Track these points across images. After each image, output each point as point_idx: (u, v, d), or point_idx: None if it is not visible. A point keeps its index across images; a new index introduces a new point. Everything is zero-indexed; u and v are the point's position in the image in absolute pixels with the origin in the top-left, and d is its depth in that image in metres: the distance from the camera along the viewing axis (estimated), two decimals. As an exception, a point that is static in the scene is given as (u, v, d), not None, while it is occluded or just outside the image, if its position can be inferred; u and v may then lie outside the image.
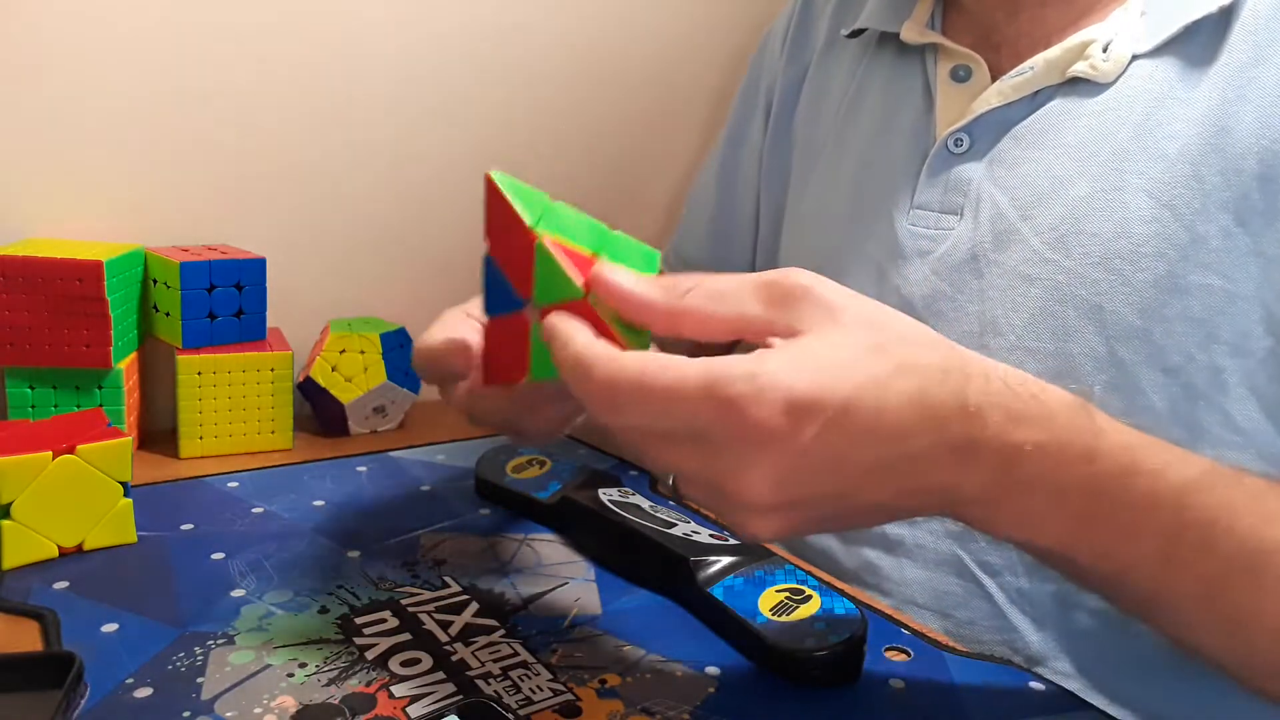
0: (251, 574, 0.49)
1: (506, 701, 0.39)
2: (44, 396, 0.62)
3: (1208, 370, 0.49)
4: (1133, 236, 0.49)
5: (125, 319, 0.65)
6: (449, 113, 0.81)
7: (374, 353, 0.71)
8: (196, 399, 0.65)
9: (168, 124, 0.70)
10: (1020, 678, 0.44)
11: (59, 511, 0.49)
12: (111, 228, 0.69)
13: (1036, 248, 0.52)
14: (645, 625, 0.46)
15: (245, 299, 0.68)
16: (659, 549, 0.48)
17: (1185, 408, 0.49)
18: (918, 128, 0.59)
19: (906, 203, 0.58)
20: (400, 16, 0.77)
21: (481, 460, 0.62)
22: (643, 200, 0.94)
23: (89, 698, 0.38)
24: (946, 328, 0.55)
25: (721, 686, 0.41)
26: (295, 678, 0.40)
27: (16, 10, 0.64)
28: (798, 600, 0.44)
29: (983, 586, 0.54)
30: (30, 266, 0.59)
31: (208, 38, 0.70)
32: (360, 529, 0.55)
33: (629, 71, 0.89)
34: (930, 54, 0.60)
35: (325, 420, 0.72)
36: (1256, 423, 0.49)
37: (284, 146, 0.75)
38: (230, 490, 0.60)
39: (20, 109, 0.66)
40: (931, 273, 0.56)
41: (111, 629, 0.43)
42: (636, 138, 0.92)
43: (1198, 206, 0.48)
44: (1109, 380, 0.50)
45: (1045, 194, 0.52)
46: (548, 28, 0.84)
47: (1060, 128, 0.53)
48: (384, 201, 0.80)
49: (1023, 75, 0.54)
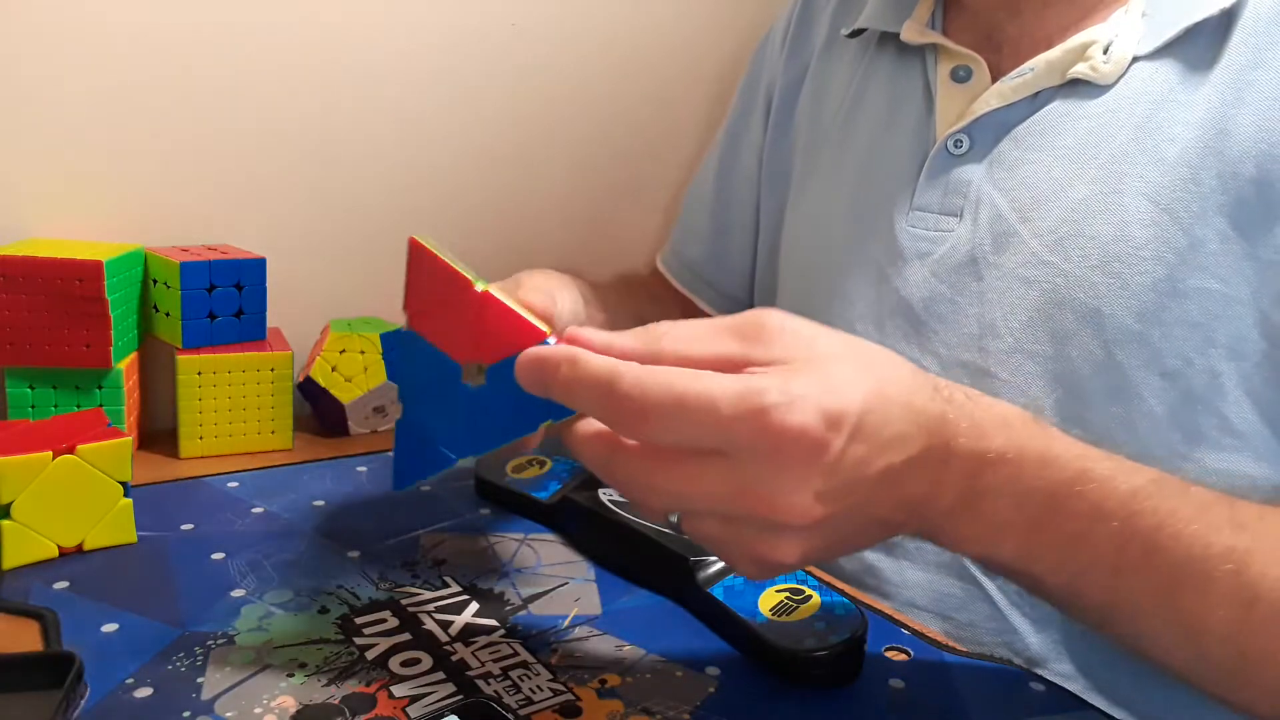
0: (251, 574, 0.49)
1: (506, 701, 0.39)
2: (44, 396, 0.62)
3: (1205, 374, 0.48)
4: (1131, 240, 0.49)
5: (125, 319, 0.65)
6: (449, 113, 0.81)
7: (374, 353, 0.71)
8: (196, 399, 0.65)
9: (168, 124, 0.70)
10: (1020, 678, 0.44)
11: (59, 511, 0.49)
12: (111, 228, 0.69)
13: (1035, 250, 0.52)
14: (645, 625, 0.46)
15: (245, 299, 0.68)
16: (659, 549, 0.48)
17: (1183, 411, 0.49)
18: (918, 128, 0.59)
19: (906, 204, 0.58)
20: (401, 17, 0.77)
21: (481, 460, 0.62)
22: (642, 199, 0.94)
23: (89, 698, 0.38)
24: (946, 330, 0.55)
25: (721, 686, 0.41)
26: (295, 678, 0.40)
27: (17, 11, 0.64)
28: (798, 600, 0.44)
29: (983, 589, 0.54)
30: (30, 266, 0.59)
31: (208, 38, 0.70)
32: (360, 529, 0.55)
33: (629, 71, 0.89)
34: (930, 54, 0.60)
35: (325, 420, 0.72)
36: (1253, 426, 0.49)
37: (284, 146, 0.75)
38: (230, 490, 0.60)
39: (20, 109, 0.66)
40: (931, 274, 0.56)
41: (111, 629, 0.43)
42: (636, 136, 0.92)
43: (1196, 210, 0.48)
44: (1107, 383, 0.50)
45: (1044, 196, 0.52)
46: (549, 28, 0.84)
47: (1060, 130, 0.53)
48: (384, 201, 0.80)
49: (1023, 77, 0.54)
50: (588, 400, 0.34)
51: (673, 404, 0.32)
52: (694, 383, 0.32)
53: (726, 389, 0.32)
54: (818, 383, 0.33)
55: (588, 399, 0.34)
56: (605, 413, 0.34)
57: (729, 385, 0.32)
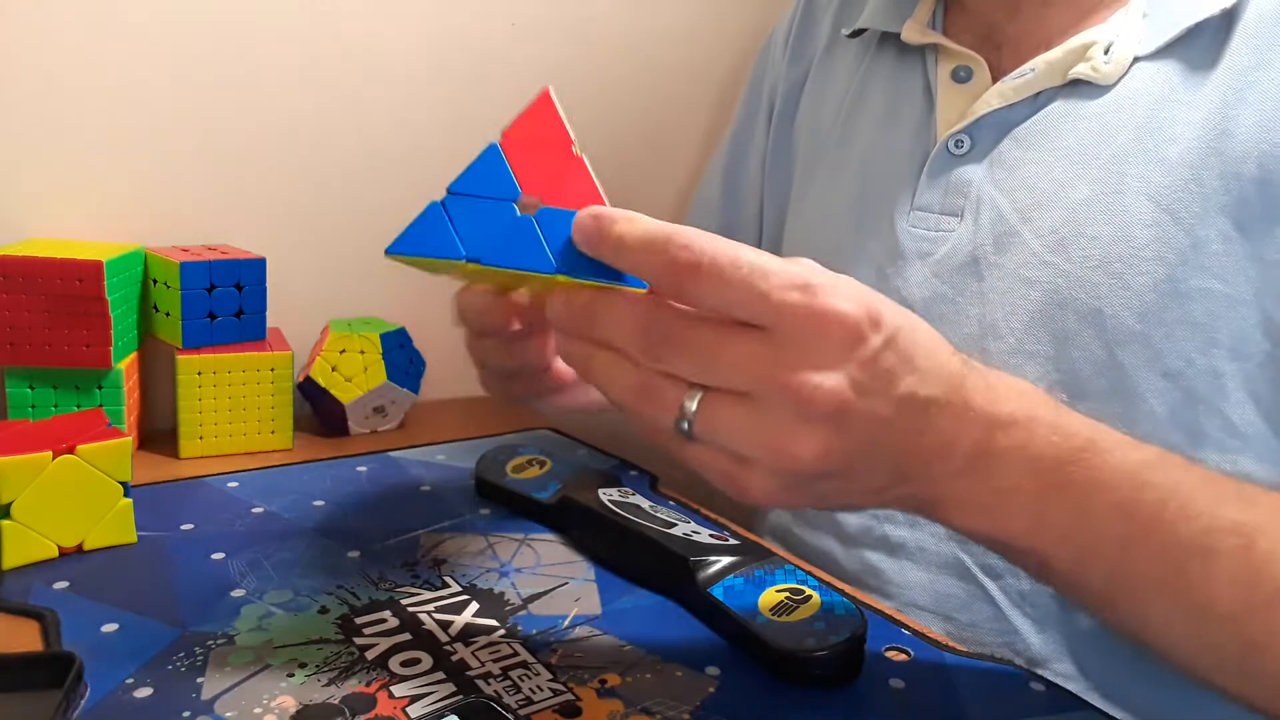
0: (251, 574, 0.49)
1: (506, 701, 0.39)
2: (44, 396, 0.62)
3: (1207, 374, 0.48)
4: (1133, 240, 0.49)
5: (125, 319, 0.65)
6: (450, 113, 0.81)
7: (374, 353, 0.71)
8: (196, 399, 0.65)
9: (167, 124, 0.70)
10: (1020, 678, 0.44)
11: (59, 511, 0.49)
12: (111, 228, 0.69)
13: (1036, 250, 0.52)
14: (645, 625, 0.46)
15: (245, 299, 0.68)
16: (659, 549, 0.48)
17: (1185, 412, 0.49)
18: (919, 128, 0.59)
19: (907, 204, 0.58)
20: (401, 16, 0.77)
21: (481, 460, 0.62)
22: (645, 200, 0.94)
23: (89, 698, 0.38)
24: (947, 330, 0.55)
25: (721, 686, 0.41)
26: (295, 678, 0.40)
27: (17, 10, 0.64)
28: (798, 600, 0.44)
29: (984, 589, 0.54)
30: (30, 266, 0.59)
31: (208, 37, 0.70)
32: (360, 529, 0.55)
33: (630, 71, 0.89)
34: (931, 54, 0.60)
35: (325, 420, 0.72)
36: (1255, 427, 0.49)
37: (284, 146, 0.75)
38: (230, 490, 0.60)
39: (20, 109, 0.66)
40: (932, 274, 0.56)
41: (111, 629, 0.43)
42: (637, 138, 0.92)
43: (1198, 210, 0.48)
44: (1108, 384, 0.50)
45: (1045, 197, 0.52)
46: (551, 29, 0.84)
47: (1061, 130, 0.53)
48: (385, 202, 0.80)
49: (1024, 77, 0.54)
50: (639, 256, 0.34)
51: (728, 262, 0.33)
52: (749, 251, 0.33)
53: (780, 262, 0.33)
54: (862, 288, 0.35)
55: (639, 255, 0.34)
56: (656, 268, 0.34)
57: (782, 262, 0.34)
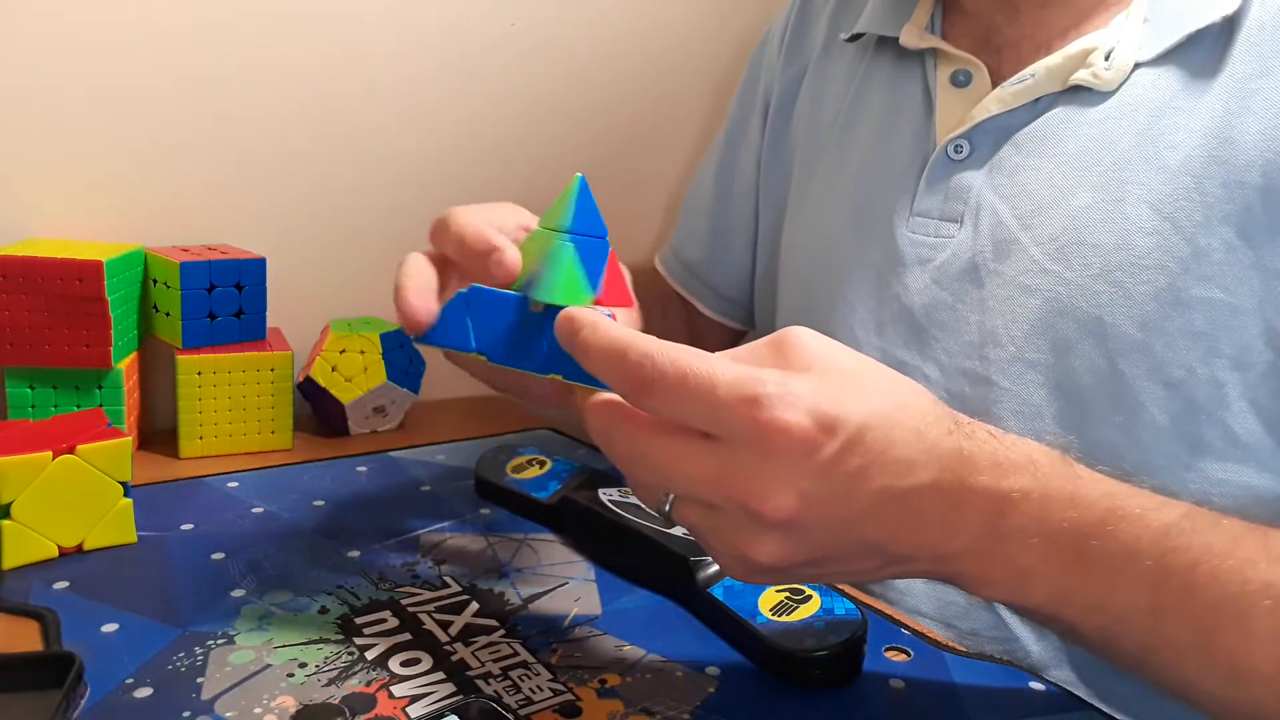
0: (251, 574, 0.49)
1: (506, 701, 0.39)
2: (44, 396, 0.62)
3: (1209, 384, 0.48)
4: (1133, 248, 0.49)
5: (125, 319, 0.65)
6: (449, 112, 0.81)
7: (374, 353, 0.71)
8: (196, 399, 0.65)
9: (167, 124, 0.70)
10: (1020, 678, 0.44)
11: (59, 511, 0.49)
12: (111, 228, 0.69)
13: (1037, 258, 0.52)
14: (645, 625, 0.46)
15: (245, 299, 0.68)
16: (659, 549, 0.48)
17: (1185, 421, 0.49)
18: (918, 133, 0.59)
19: (906, 210, 0.58)
20: (400, 16, 0.77)
21: (481, 460, 0.62)
22: (641, 198, 0.95)
23: (89, 698, 0.38)
24: (947, 337, 0.55)
25: (721, 686, 0.42)
26: (295, 678, 0.40)
27: (16, 10, 0.64)
28: (798, 600, 0.44)
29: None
30: (30, 266, 0.59)
31: (208, 37, 0.70)
32: (360, 529, 0.55)
33: (628, 71, 0.90)
34: (930, 58, 0.60)
35: (325, 420, 0.72)
36: (1257, 437, 0.49)
37: (284, 146, 0.75)
38: (230, 490, 0.60)
39: (20, 109, 0.65)
40: (932, 281, 0.56)
41: (111, 629, 0.43)
42: (635, 136, 0.92)
43: (1199, 219, 0.48)
44: (1109, 393, 0.50)
45: (1046, 203, 0.52)
46: (548, 28, 0.84)
47: (1061, 136, 0.53)
48: (384, 201, 0.80)
49: (1024, 82, 0.54)
50: (599, 363, 0.35)
51: (675, 377, 0.33)
52: (699, 361, 0.33)
53: (728, 372, 0.33)
54: (820, 388, 0.33)
55: (600, 361, 0.35)
56: (613, 377, 0.35)
57: (731, 369, 0.33)
